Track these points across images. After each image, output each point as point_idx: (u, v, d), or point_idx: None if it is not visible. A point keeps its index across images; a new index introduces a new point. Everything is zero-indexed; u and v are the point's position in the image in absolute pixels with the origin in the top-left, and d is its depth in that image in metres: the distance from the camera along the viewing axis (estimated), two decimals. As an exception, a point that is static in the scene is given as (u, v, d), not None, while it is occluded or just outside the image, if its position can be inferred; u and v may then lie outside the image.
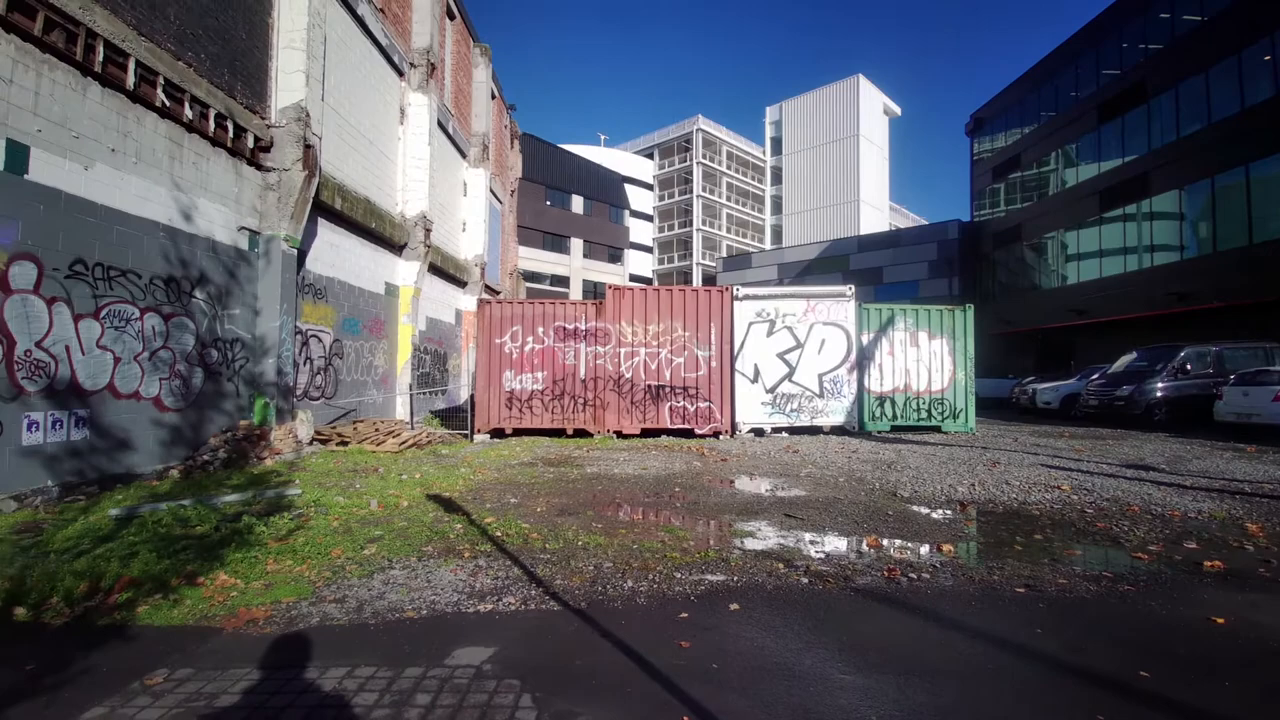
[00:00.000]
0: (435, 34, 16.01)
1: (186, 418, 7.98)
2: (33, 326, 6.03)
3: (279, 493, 6.47)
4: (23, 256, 5.94)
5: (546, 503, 6.56)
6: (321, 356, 11.22)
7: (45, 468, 6.17)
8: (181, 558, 4.32)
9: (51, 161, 6.22)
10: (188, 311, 7.98)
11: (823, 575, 4.28)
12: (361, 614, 3.61)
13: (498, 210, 24.63)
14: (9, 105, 5.79)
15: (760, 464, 9.41)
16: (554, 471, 8.58)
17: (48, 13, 6.06)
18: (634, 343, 12.84)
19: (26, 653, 3.09)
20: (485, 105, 21.60)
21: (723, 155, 62.09)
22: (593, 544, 5.01)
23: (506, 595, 3.89)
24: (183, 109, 7.81)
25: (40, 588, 3.71)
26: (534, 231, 39.03)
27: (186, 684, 2.77)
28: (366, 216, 12.59)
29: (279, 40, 9.83)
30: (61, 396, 6.30)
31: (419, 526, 5.52)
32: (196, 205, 8.11)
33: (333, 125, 11.25)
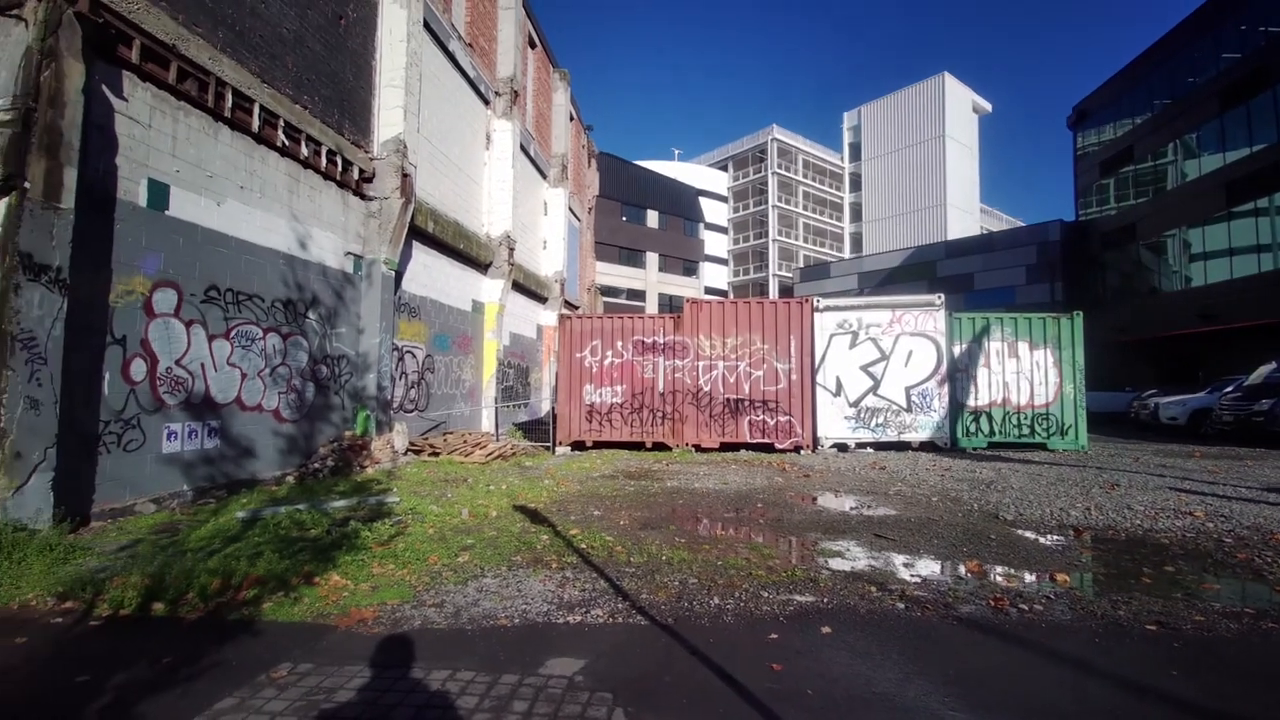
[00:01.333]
0: (518, 63, 16.78)
1: (300, 428, 8.68)
2: (173, 346, 6.77)
3: (380, 500, 6.88)
4: (165, 284, 6.69)
5: (629, 516, 6.61)
6: (415, 371, 11.90)
7: (182, 473, 6.88)
8: (299, 558, 4.68)
9: (189, 199, 6.99)
10: (302, 331, 8.71)
11: (920, 601, 4.06)
12: (459, 619, 3.77)
13: (576, 227, 25.32)
14: (149, 148, 6.56)
15: (845, 480, 9.08)
16: (635, 485, 8.64)
17: (180, 63, 6.81)
18: (712, 356, 12.77)
19: (164, 645, 3.42)
20: (564, 127, 22.34)
21: (798, 164, 61.01)
22: (676, 559, 5.00)
23: (594, 608, 3.95)
24: (299, 147, 8.58)
25: (178, 584, 4.12)
26: (610, 247, 39.76)
27: (308, 678, 2.99)
28: (456, 238, 13.28)
29: (381, 80, 10.63)
30: (196, 409, 7.02)
31: (508, 536, 5.70)
32: (310, 234, 8.87)
33: (426, 154, 11.99)
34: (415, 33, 11.10)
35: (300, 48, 8.74)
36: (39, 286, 5.20)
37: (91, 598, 3.96)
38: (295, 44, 8.64)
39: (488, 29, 15.62)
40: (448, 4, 13.22)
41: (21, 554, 4.57)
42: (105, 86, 6.02)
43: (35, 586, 4.17)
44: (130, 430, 6.24)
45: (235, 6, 7.58)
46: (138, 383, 6.32)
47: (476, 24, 14.86)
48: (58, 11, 5.35)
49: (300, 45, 8.74)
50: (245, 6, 7.74)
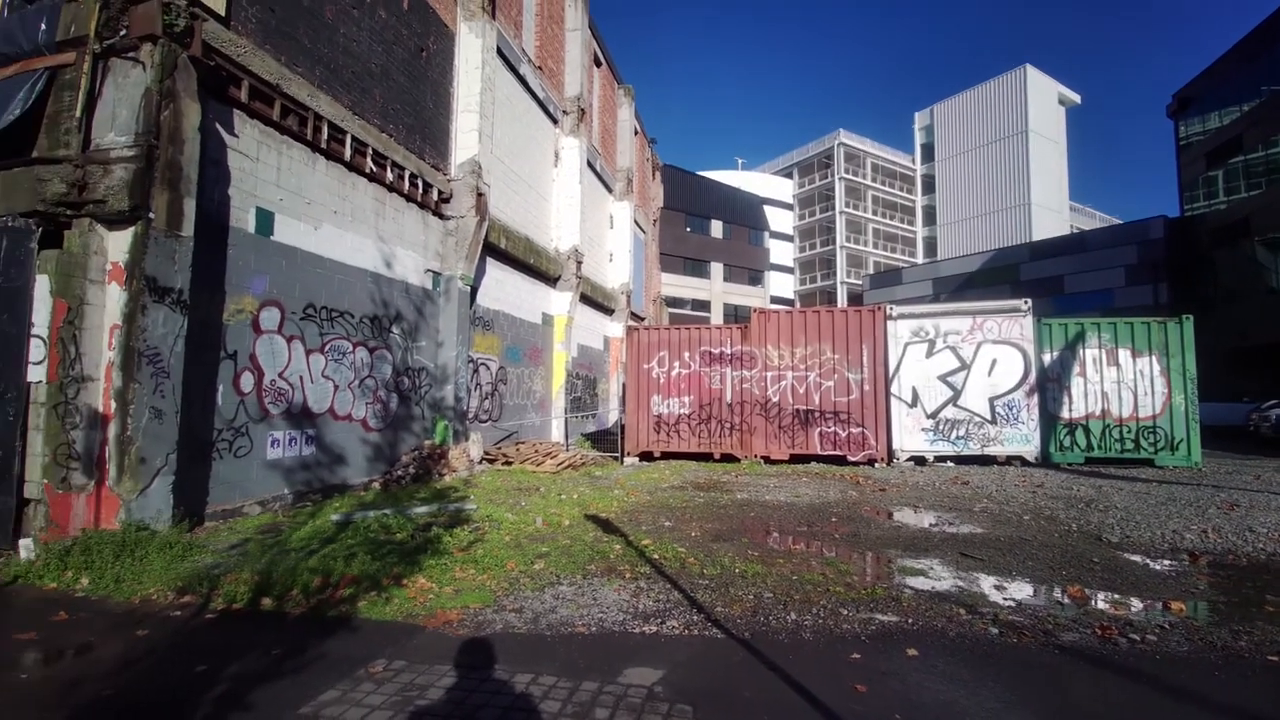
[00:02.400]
0: (584, 82, 17.23)
1: (385, 437, 9.17)
2: (276, 360, 7.33)
3: (459, 507, 7.16)
4: (270, 303, 7.27)
5: (700, 528, 6.57)
6: (489, 383, 12.33)
7: (283, 478, 7.40)
8: (389, 561, 4.93)
9: (290, 224, 7.57)
10: (386, 345, 9.23)
11: (1016, 627, 3.82)
12: (538, 625, 3.87)
13: (641, 240, 25.59)
14: (257, 179, 7.16)
15: (924, 495, 8.68)
16: (704, 496, 8.59)
17: (283, 101, 7.42)
18: (780, 366, 12.55)
19: (272, 638, 3.68)
20: (629, 142, 22.70)
21: (866, 168, 59.30)
22: (750, 572, 4.93)
23: (669, 619, 3.95)
24: (385, 173, 9.14)
25: (283, 582, 4.43)
26: (675, 258, 39.88)
27: (401, 675, 3.15)
28: (526, 253, 13.72)
29: (458, 105, 11.18)
30: (296, 418, 7.56)
31: (581, 545, 5.79)
32: (394, 253, 9.40)
33: (498, 173, 12.48)
34: (489, 59, 11.62)
35: (387, 80, 9.33)
36: (163, 307, 5.76)
37: (207, 592, 4.32)
38: (382, 77, 9.23)
39: (555, 51, 16.14)
40: (518, 30, 13.77)
41: (144, 551, 5.04)
42: (218, 124, 6.63)
43: (156, 582, 4.59)
44: (240, 438, 6.79)
45: (330, 46, 8.20)
46: (246, 394, 6.88)
47: (545, 47, 15.39)
48: (172, 55, 5.92)
49: (387, 78, 9.33)
50: (339, 46, 8.35)
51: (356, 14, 8.67)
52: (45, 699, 2.94)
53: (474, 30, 11.37)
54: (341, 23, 8.39)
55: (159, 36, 5.75)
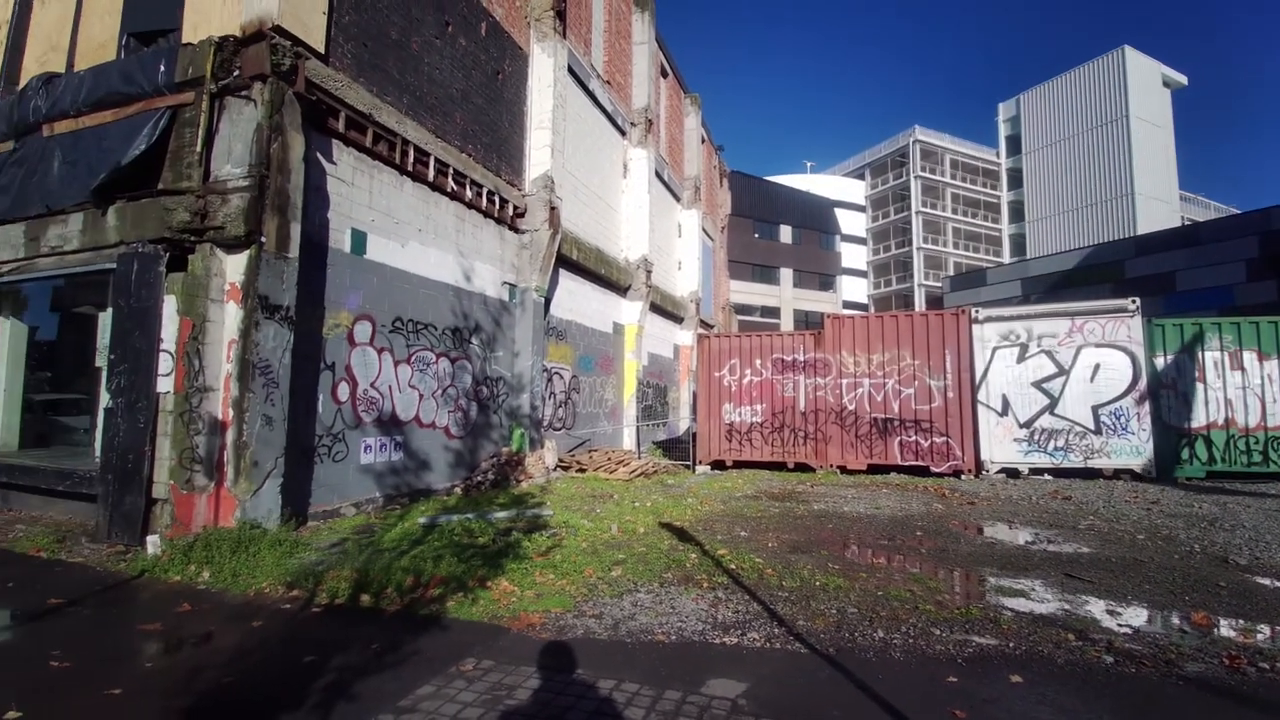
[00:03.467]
0: (651, 93, 17.41)
1: (465, 444, 9.55)
2: (368, 371, 7.79)
3: (536, 513, 7.34)
4: (363, 317, 7.75)
5: (777, 538, 6.44)
6: (563, 391, 12.61)
7: (375, 482, 7.84)
8: (473, 563, 5.12)
9: (381, 243, 8.06)
10: (466, 355, 9.63)
11: (1133, 655, 3.51)
12: (618, 632, 3.90)
13: (709, 247, 25.49)
14: (352, 202, 7.67)
15: (1019, 510, 8.14)
16: (779, 506, 8.41)
17: (375, 129, 7.93)
18: (856, 373, 12.14)
19: (371, 633, 3.90)
20: (696, 150, 22.72)
21: (945, 165, 56.57)
22: (831, 585, 4.78)
23: (750, 630, 3.89)
24: (465, 191, 9.58)
25: (379, 580, 4.68)
26: (743, 264, 39.46)
27: (490, 674, 3.26)
28: (597, 264, 13.97)
29: (531, 123, 11.57)
30: (385, 425, 8.00)
31: (656, 553, 5.80)
32: (474, 267, 9.82)
33: (569, 186, 12.79)
34: (560, 77, 11.96)
35: (466, 103, 9.79)
36: (273, 323, 6.26)
37: (313, 588, 4.63)
38: (462, 101, 9.69)
39: (623, 65, 16.42)
40: (588, 47, 14.11)
41: (256, 548, 5.45)
42: (319, 153, 7.16)
43: (268, 576, 4.96)
44: (338, 444, 7.26)
45: (416, 75, 8.69)
46: (343, 403, 7.36)
47: (613, 62, 15.69)
48: (280, 92, 6.46)
49: (466, 101, 9.79)
50: (424, 74, 8.85)
51: (439, 43, 9.16)
52: (170, 686, 3.21)
53: (546, 50, 11.76)
54: (426, 53, 8.89)
55: (268, 75, 6.29)
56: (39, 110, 7.47)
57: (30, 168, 7.38)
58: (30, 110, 7.53)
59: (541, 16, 11.74)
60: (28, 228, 7.31)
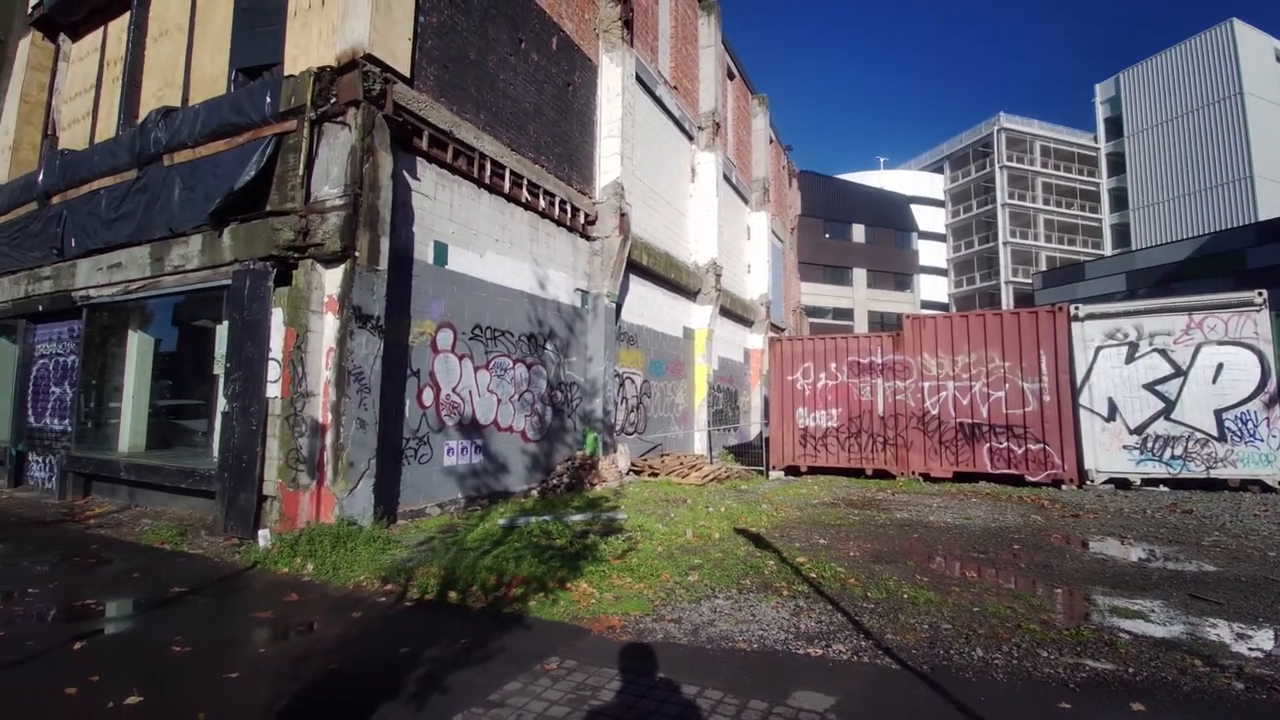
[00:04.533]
0: (718, 96, 17.32)
1: (541, 447, 9.79)
2: (450, 377, 8.13)
3: (611, 516, 7.41)
4: (445, 325, 8.09)
5: (858, 547, 6.21)
6: (634, 396, 12.69)
7: (457, 483, 8.16)
8: (552, 565, 5.22)
9: (460, 254, 8.40)
10: (541, 361, 9.87)
11: (1266, 681, 3.15)
12: (698, 637, 3.87)
13: (779, 249, 25.03)
14: (434, 216, 8.03)
15: (1131, 524, 7.48)
16: (859, 514, 8.11)
17: (455, 145, 8.26)
18: (939, 376, 11.56)
19: (459, 628, 4.05)
20: (764, 151, 22.39)
21: (1035, 152, 53.01)
22: (921, 599, 4.55)
23: (835, 642, 3.76)
24: (538, 201, 9.84)
25: (465, 578, 4.86)
26: (814, 266, 38.50)
27: (574, 674, 3.30)
28: (667, 268, 14.00)
29: (600, 132, 11.77)
30: (466, 429, 8.31)
31: (733, 559, 5.72)
32: (547, 275, 10.07)
33: (638, 193, 12.89)
34: (629, 86, 12.11)
35: (539, 116, 10.08)
36: (365, 332, 6.65)
37: (405, 583, 4.86)
38: (535, 114, 9.98)
39: (689, 69, 16.42)
40: (654, 54, 14.22)
41: (353, 544, 5.78)
42: (405, 171, 7.56)
43: (364, 570, 5.25)
44: (423, 446, 7.61)
45: (492, 92, 9.03)
46: (427, 407, 7.71)
47: (680, 67, 15.72)
48: (371, 116, 6.87)
49: (539, 114, 10.08)
50: (499, 90, 9.18)
51: (513, 60, 9.48)
52: (282, 669, 3.45)
53: (614, 60, 11.93)
54: (501, 70, 9.22)
55: (361, 101, 6.71)
56: (159, 141, 8.26)
57: (153, 194, 8.18)
58: (151, 142, 8.34)
59: (610, 28, 11.93)
60: (152, 249, 8.10)
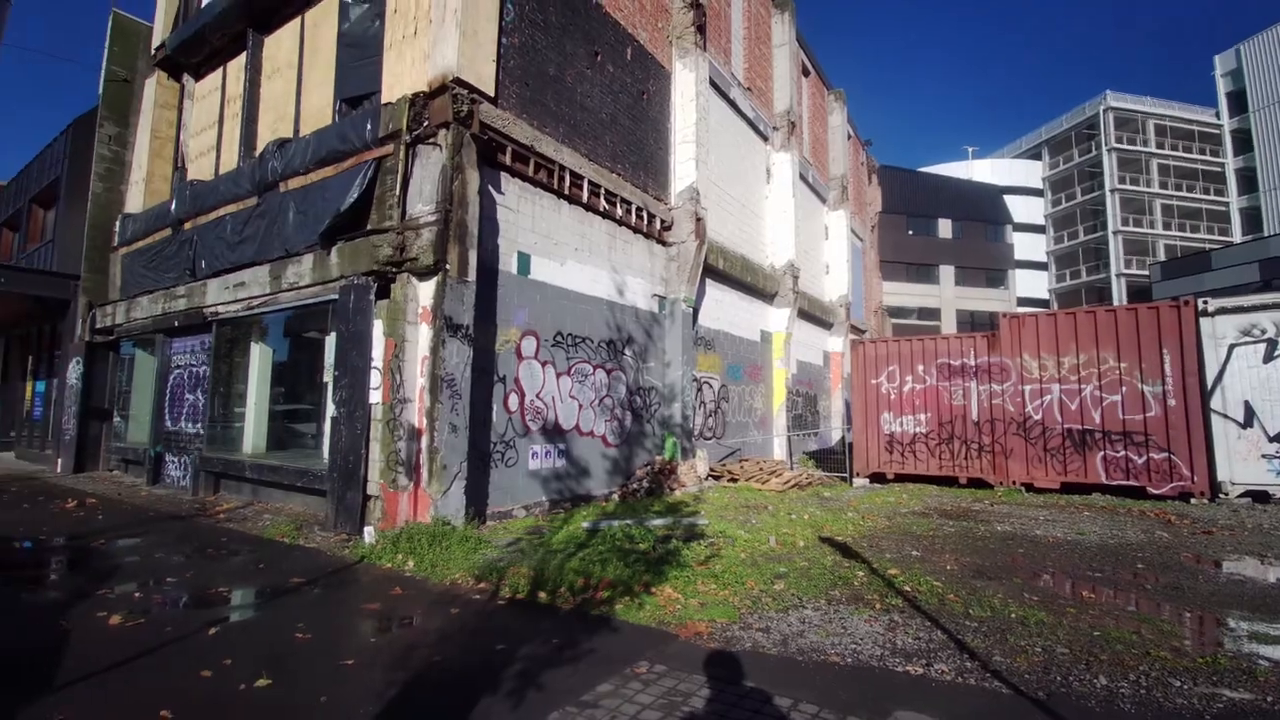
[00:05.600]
0: (793, 94, 16.98)
1: (621, 452, 9.92)
2: (534, 383, 8.39)
3: (692, 522, 7.39)
4: (528, 333, 8.37)
5: (955, 561, 5.88)
6: (712, 401, 12.62)
7: (541, 486, 8.41)
8: (637, 569, 5.27)
9: (542, 263, 8.67)
10: (620, 366, 10.01)
11: None
12: (788, 648, 3.79)
13: (858, 249, 24.19)
14: (517, 228, 8.33)
15: (1272, 542, 6.67)
16: (955, 525, 7.68)
17: (536, 159, 8.55)
18: (1042, 378, 10.75)
19: (550, 628, 4.16)
20: (841, 148, 21.73)
21: (1148, 132, 48.36)
22: (1032, 620, 4.25)
23: (936, 661, 3.57)
24: (615, 209, 10.01)
25: (553, 579, 4.99)
26: (896, 264, 36.93)
27: (663, 679, 3.32)
28: (743, 272, 13.85)
29: (675, 138, 11.83)
30: (549, 434, 8.55)
31: (819, 569, 5.57)
32: (625, 282, 10.21)
33: (714, 197, 12.84)
34: (702, 90, 12.10)
35: (615, 126, 10.26)
36: (456, 340, 6.99)
37: (497, 582, 5.06)
38: (611, 124, 10.17)
39: (763, 70, 16.21)
40: (727, 57, 14.14)
41: (448, 543, 6.07)
42: (490, 185, 7.90)
43: (459, 568, 5.50)
44: (509, 450, 7.90)
45: (570, 106, 9.29)
46: (513, 412, 8.00)
47: (753, 68, 15.55)
48: (459, 135, 7.23)
49: (614, 124, 10.26)
50: (577, 104, 9.43)
51: (590, 73, 9.71)
52: (391, 659, 3.67)
53: (687, 66, 11.96)
54: (578, 84, 9.46)
55: (450, 122, 7.08)
56: (275, 170, 9.06)
57: (271, 219, 8.97)
58: (268, 171, 9.16)
59: (683, 34, 11.98)
60: (271, 268, 8.87)
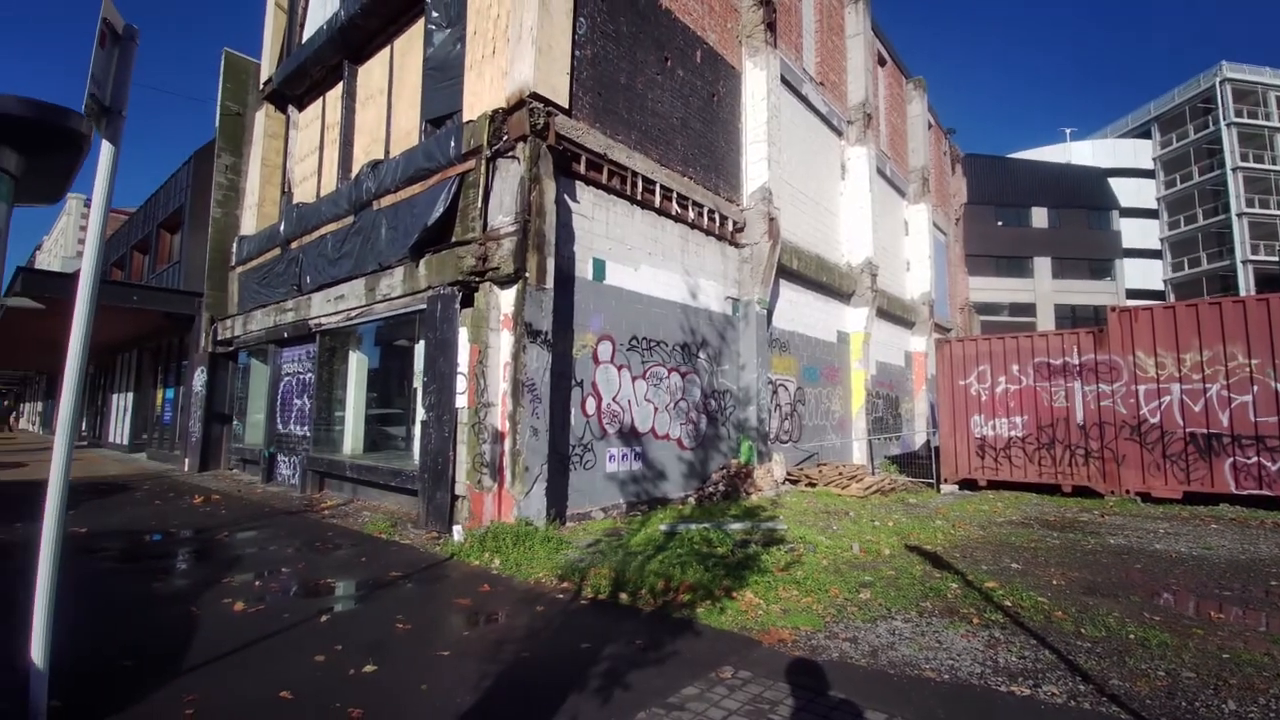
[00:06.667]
0: (868, 85, 16.39)
1: (696, 455, 9.89)
2: (610, 386, 8.52)
3: (771, 527, 7.27)
4: (604, 338, 8.51)
5: (1062, 575, 5.47)
6: (787, 403, 12.36)
7: (618, 489, 8.52)
8: (716, 573, 5.25)
9: (617, 269, 8.80)
10: (695, 370, 9.99)
11: None
12: (877, 660, 3.66)
13: (941, 243, 23.02)
14: (592, 235, 8.48)
15: None
16: (1059, 537, 7.15)
17: (609, 166, 8.69)
18: (1159, 377, 9.83)
19: (632, 629, 4.20)
20: (922, 138, 20.77)
21: (1270, 105, 43.21)
22: (1153, 641, 3.90)
23: (1045, 682, 3.34)
24: (687, 213, 10.02)
25: (634, 580, 5.05)
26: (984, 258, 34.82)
27: (749, 685, 3.29)
28: (818, 271, 13.49)
29: (746, 138, 11.70)
30: (626, 437, 8.65)
31: (908, 578, 5.34)
32: (698, 284, 10.19)
33: (786, 196, 12.59)
34: (774, 88, 11.90)
35: (685, 130, 10.28)
36: (536, 346, 7.21)
37: (579, 582, 5.17)
38: (682, 128, 10.20)
39: (836, 62, 15.75)
40: (798, 52, 13.84)
41: (531, 542, 6.27)
42: (565, 194, 8.10)
43: (542, 568, 5.65)
44: (587, 453, 8.06)
45: (641, 112, 9.39)
46: (590, 416, 8.16)
47: (825, 61, 15.14)
48: (536, 147, 7.46)
49: (685, 128, 10.28)
50: (648, 110, 9.52)
51: (660, 79, 9.78)
52: (484, 651, 3.83)
53: (758, 64, 11.81)
54: (649, 90, 9.55)
55: (528, 135, 7.33)
56: (369, 190, 9.69)
57: (366, 235, 9.58)
58: (363, 191, 9.80)
59: (752, 33, 11.84)
60: (366, 281, 9.47)
